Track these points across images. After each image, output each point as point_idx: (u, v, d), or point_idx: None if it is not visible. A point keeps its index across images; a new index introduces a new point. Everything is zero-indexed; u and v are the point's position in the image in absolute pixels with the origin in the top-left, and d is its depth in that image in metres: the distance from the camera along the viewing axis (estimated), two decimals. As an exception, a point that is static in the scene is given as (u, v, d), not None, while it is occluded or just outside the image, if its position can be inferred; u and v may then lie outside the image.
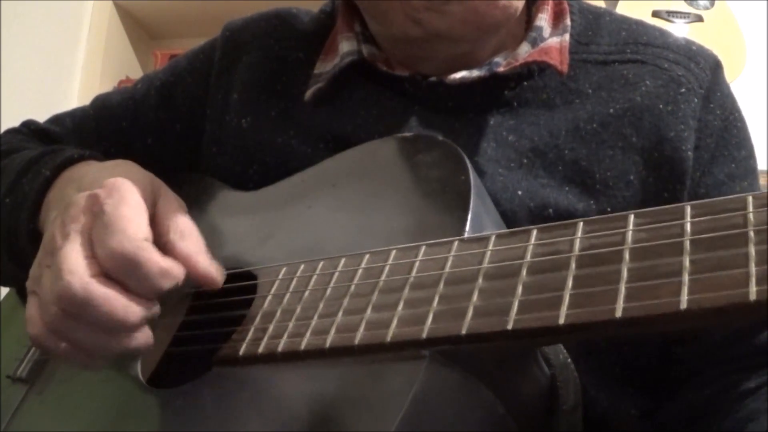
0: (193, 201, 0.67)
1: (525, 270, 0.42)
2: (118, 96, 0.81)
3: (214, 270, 0.53)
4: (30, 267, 0.54)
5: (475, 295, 0.42)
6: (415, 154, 0.56)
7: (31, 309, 0.52)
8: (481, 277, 0.43)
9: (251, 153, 0.69)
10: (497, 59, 0.66)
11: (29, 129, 0.82)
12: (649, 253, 0.39)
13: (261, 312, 0.52)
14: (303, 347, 0.46)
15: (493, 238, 0.45)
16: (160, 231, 0.54)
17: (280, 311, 0.51)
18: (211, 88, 0.75)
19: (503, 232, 0.46)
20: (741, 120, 0.69)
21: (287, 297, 0.51)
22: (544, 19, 0.68)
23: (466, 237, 0.47)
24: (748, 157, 0.68)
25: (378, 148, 0.59)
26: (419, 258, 0.47)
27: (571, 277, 0.40)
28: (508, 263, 0.43)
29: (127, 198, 0.51)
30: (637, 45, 0.68)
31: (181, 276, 0.50)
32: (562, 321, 0.38)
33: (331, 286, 0.49)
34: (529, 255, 0.43)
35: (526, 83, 0.65)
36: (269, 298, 0.52)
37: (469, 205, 0.49)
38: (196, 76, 0.77)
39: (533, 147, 0.63)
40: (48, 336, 0.50)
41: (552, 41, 0.66)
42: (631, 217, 0.41)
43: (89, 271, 0.48)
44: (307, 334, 0.47)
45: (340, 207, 0.57)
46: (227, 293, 0.56)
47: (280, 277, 0.53)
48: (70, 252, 0.49)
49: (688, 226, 0.39)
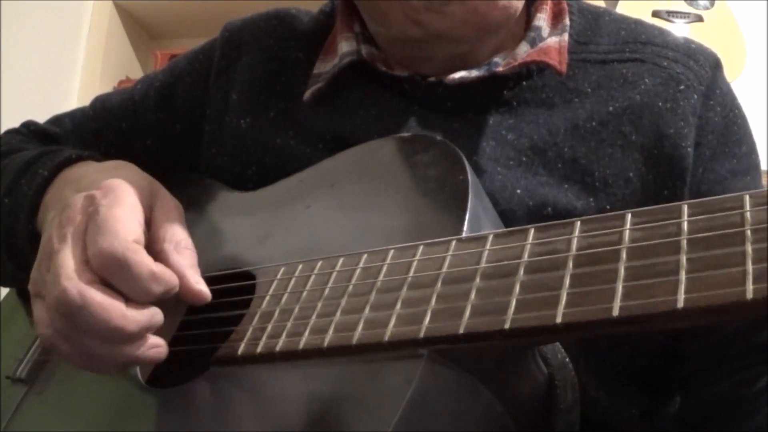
0: (193, 201, 0.67)
1: (522, 269, 0.42)
2: (118, 97, 0.81)
3: (204, 287, 0.53)
4: (29, 267, 0.54)
5: (473, 294, 0.42)
6: (414, 154, 0.56)
7: (40, 311, 0.51)
8: (478, 277, 0.43)
9: (250, 153, 0.69)
10: (496, 59, 0.66)
11: (29, 130, 0.82)
12: (647, 251, 0.39)
13: (259, 312, 0.52)
14: (301, 347, 0.47)
15: (490, 238, 0.45)
16: (155, 237, 0.54)
17: (278, 311, 0.51)
18: (210, 88, 0.75)
19: (501, 231, 0.46)
20: (742, 116, 0.69)
21: (285, 297, 0.51)
22: (543, 19, 0.68)
23: (464, 236, 0.47)
24: (750, 152, 0.68)
25: (377, 148, 0.59)
26: (417, 257, 0.47)
27: (568, 276, 0.40)
28: (506, 262, 0.43)
29: (122, 199, 0.51)
30: (636, 44, 0.68)
31: (173, 283, 0.50)
32: (560, 320, 0.38)
33: (329, 286, 0.49)
34: (526, 254, 0.43)
35: (525, 83, 0.65)
36: (268, 298, 0.52)
37: (467, 205, 0.49)
38: (195, 76, 0.77)
39: (532, 145, 0.63)
40: (57, 338, 0.50)
41: (551, 41, 0.66)
42: (629, 216, 0.41)
43: (85, 277, 0.48)
44: (306, 334, 0.47)
45: (338, 207, 0.57)
46: (226, 293, 0.56)
47: (279, 276, 0.53)
48: (66, 256, 0.49)
49: (685, 225, 0.39)
